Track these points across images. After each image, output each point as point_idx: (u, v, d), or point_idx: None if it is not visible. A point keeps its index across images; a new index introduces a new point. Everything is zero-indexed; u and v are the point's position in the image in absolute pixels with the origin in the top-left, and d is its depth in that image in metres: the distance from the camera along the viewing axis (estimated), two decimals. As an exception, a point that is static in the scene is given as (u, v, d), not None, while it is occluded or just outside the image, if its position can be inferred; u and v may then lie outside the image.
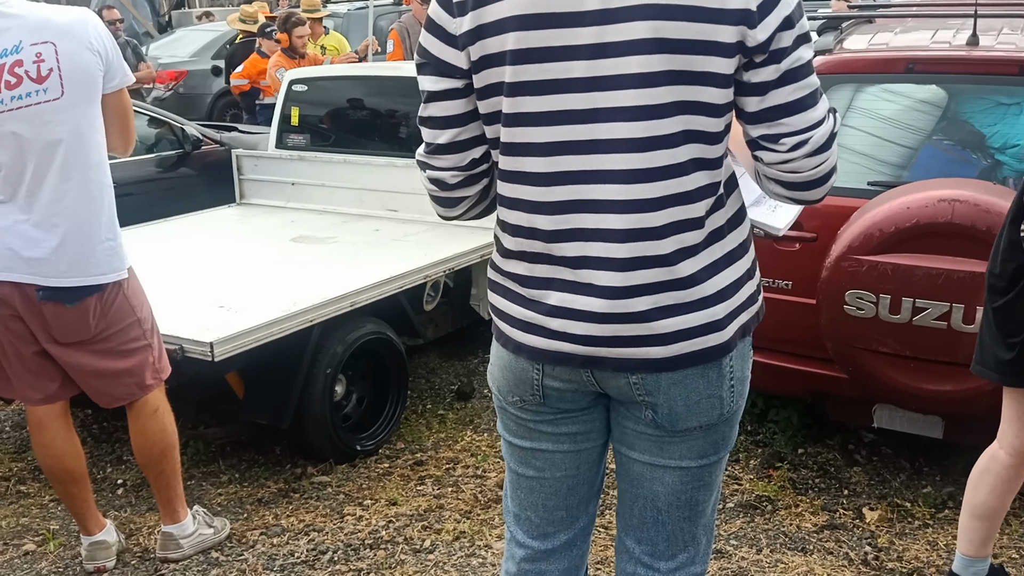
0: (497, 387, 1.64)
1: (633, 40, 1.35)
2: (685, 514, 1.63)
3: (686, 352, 1.47)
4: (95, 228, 2.48)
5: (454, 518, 3.12)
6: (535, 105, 1.41)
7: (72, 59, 2.37)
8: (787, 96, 1.41)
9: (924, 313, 2.82)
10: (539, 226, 1.47)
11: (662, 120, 1.38)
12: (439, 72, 1.48)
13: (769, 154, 1.46)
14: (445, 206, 1.63)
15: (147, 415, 2.69)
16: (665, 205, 1.42)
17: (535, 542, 1.71)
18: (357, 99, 5.06)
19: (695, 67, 1.36)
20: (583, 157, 1.42)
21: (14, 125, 2.38)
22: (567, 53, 1.38)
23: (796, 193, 1.51)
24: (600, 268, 1.45)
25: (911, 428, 3.20)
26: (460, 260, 4.04)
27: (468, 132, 1.52)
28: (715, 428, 1.56)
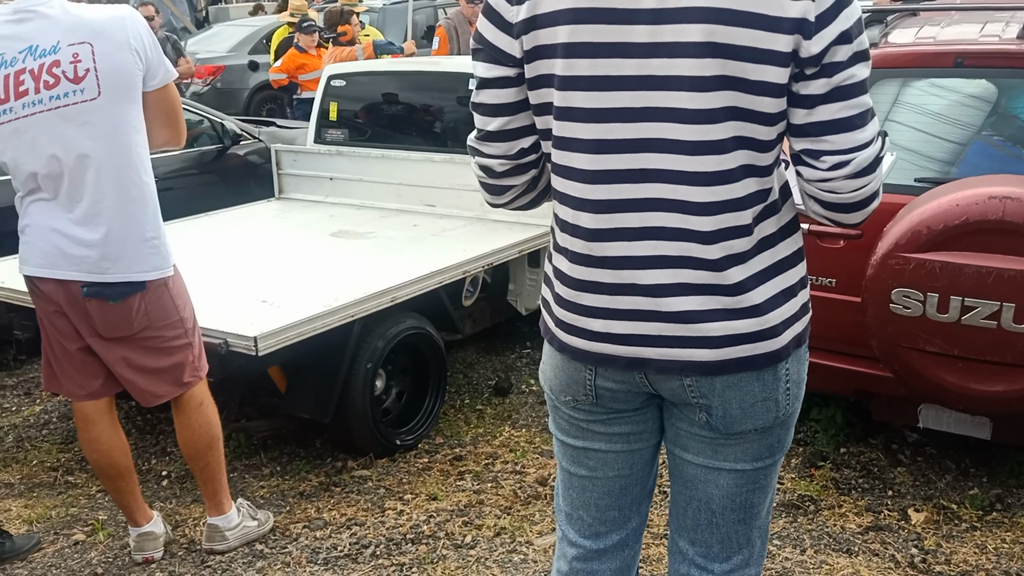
0: (549, 386, 1.64)
1: (686, 42, 1.33)
2: (740, 516, 1.62)
3: (737, 357, 1.46)
4: (137, 226, 2.50)
5: (494, 514, 3.12)
6: (584, 101, 1.41)
7: (109, 59, 2.38)
8: (834, 113, 1.37)
9: (973, 312, 2.77)
10: (582, 224, 1.46)
11: (713, 125, 1.36)
12: (492, 59, 1.47)
13: (809, 170, 1.43)
14: (492, 193, 1.64)
15: (192, 409, 2.72)
16: (713, 211, 1.40)
17: (587, 541, 1.71)
18: (395, 94, 5.07)
19: (749, 75, 1.34)
20: (630, 156, 1.41)
21: (53, 125, 2.40)
22: (619, 50, 1.37)
23: (833, 214, 1.47)
24: (644, 267, 1.44)
25: (958, 429, 3.15)
26: (499, 255, 4.04)
27: (518, 121, 1.51)
28: (770, 431, 1.55)
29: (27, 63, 2.39)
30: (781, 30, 1.31)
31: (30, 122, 2.41)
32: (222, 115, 5.77)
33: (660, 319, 1.45)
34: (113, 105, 2.41)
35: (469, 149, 1.61)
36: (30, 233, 2.54)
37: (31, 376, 4.56)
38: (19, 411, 4.19)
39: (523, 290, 4.54)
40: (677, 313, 1.44)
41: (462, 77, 4.75)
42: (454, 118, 4.91)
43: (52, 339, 2.66)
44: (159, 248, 2.56)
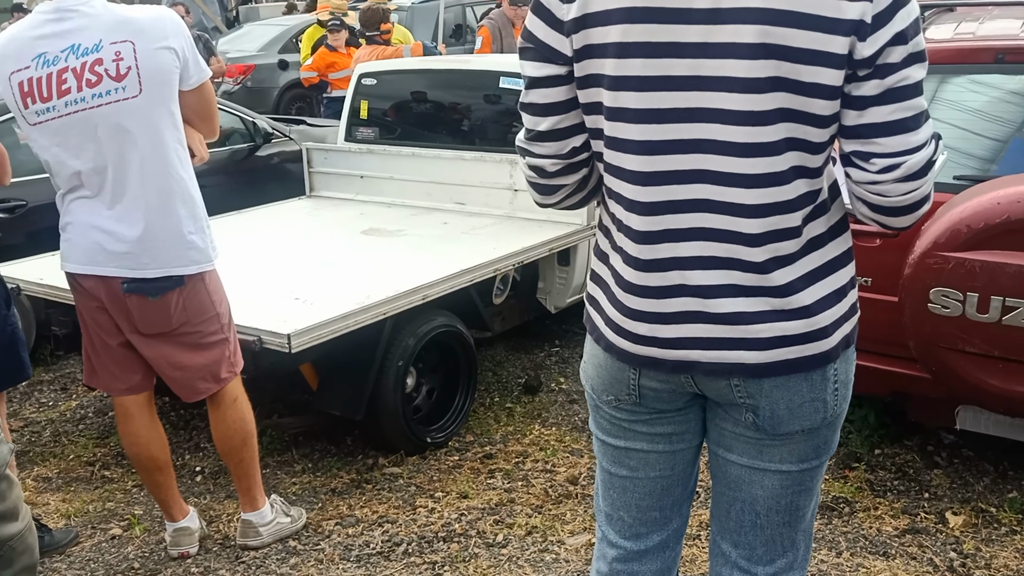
0: (591, 385, 1.63)
1: (740, 43, 1.31)
2: (785, 519, 1.60)
3: (786, 359, 1.44)
4: (175, 222, 2.53)
5: (525, 512, 3.12)
6: (635, 101, 1.39)
7: (150, 58, 2.41)
8: (886, 115, 1.34)
9: (1015, 312, 2.72)
10: (632, 225, 1.45)
11: (765, 127, 1.34)
12: (542, 57, 1.46)
13: (858, 172, 1.40)
14: (543, 193, 1.62)
15: (227, 404, 2.75)
16: (762, 213, 1.39)
17: (627, 542, 1.69)
18: (426, 92, 5.08)
19: (803, 77, 1.31)
20: (680, 157, 1.39)
21: (96, 122, 2.44)
22: (671, 50, 1.35)
23: (881, 217, 1.44)
24: (693, 268, 1.43)
25: (997, 431, 3.10)
26: (530, 254, 4.03)
27: (569, 120, 1.49)
28: (817, 432, 1.53)
29: (69, 62, 2.42)
30: (838, 31, 1.29)
31: (73, 120, 2.44)
32: (253, 114, 5.81)
33: (709, 320, 1.43)
34: (153, 103, 2.45)
35: (518, 150, 1.59)
36: (71, 230, 2.57)
37: (68, 372, 4.63)
38: (56, 406, 4.25)
39: (552, 288, 4.53)
40: (726, 315, 1.42)
41: (492, 75, 4.76)
42: (484, 116, 4.91)
43: (93, 335, 2.69)
44: (196, 244, 2.58)
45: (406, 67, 5.44)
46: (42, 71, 2.42)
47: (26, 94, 2.44)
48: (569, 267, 4.46)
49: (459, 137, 4.93)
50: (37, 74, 2.42)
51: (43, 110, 2.44)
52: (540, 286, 4.54)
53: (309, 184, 5.24)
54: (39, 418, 4.11)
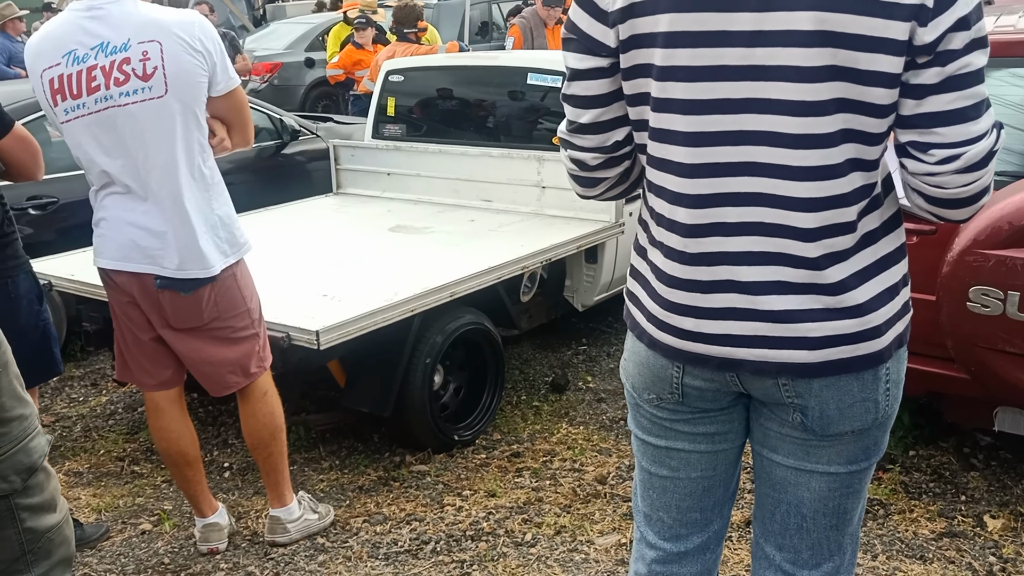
0: (631, 383, 1.59)
1: (794, 31, 1.27)
2: (832, 522, 1.56)
3: (837, 359, 1.40)
4: (200, 220, 2.52)
5: (554, 512, 3.09)
6: (683, 92, 1.36)
7: (176, 59, 2.41)
8: (946, 104, 1.30)
9: (1052, 310, 2.65)
10: (679, 219, 1.42)
11: (820, 118, 1.30)
12: (585, 49, 1.43)
13: (915, 163, 1.36)
14: (584, 186, 1.59)
15: (256, 399, 2.75)
16: (817, 207, 1.34)
17: (667, 544, 1.66)
18: (453, 89, 5.06)
19: (861, 64, 1.27)
20: (729, 149, 1.35)
21: (123, 120, 2.44)
22: (721, 39, 1.32)
23: (938, 209, 1.40)
24: (741, 263, 1.39)
25: (1036, 432, 3.03)
26: (558, 251, 4.00)
27: (611, 112, 1.47)
28: (867, 433, 1.49)
29: (98, 59, 2.43)
30: (897, 17, 1.25)
31: (102, 117, 2.45)
32: (281, 111, 5.82)
33: (756, 318, 1.40)
34: (178, 103, 2.45)
35: (560, 142, 1.56)
36: (104, 226, 2.58)
37: (97, 367, 4.66)
38: (86, 401, 4.28)
39: (580, 286, 4.50)
40: (774, 312, 1.38)
41: (520, 72, 4.73)
42: (512, 113, 4.88)
43: (125, 330, 2.70)
44: (225, 239, 2.58)
45: (433, 64, 5.42)
46: (72, 68, 2.42)
47: (56, 91, 2.45)
48: (597, 264, 4.43)
49: (486, 134, 4.91)
50: (67, 71, 2.43)
51: (73, 107, 2.45)
52: (567, 284, 4.51)
53: (336, 181, 5.24)
54: (70, 413, 4.15)
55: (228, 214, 2.61)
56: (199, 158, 2.53)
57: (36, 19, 11.81)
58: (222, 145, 2.60)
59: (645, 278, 1.52)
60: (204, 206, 2.54)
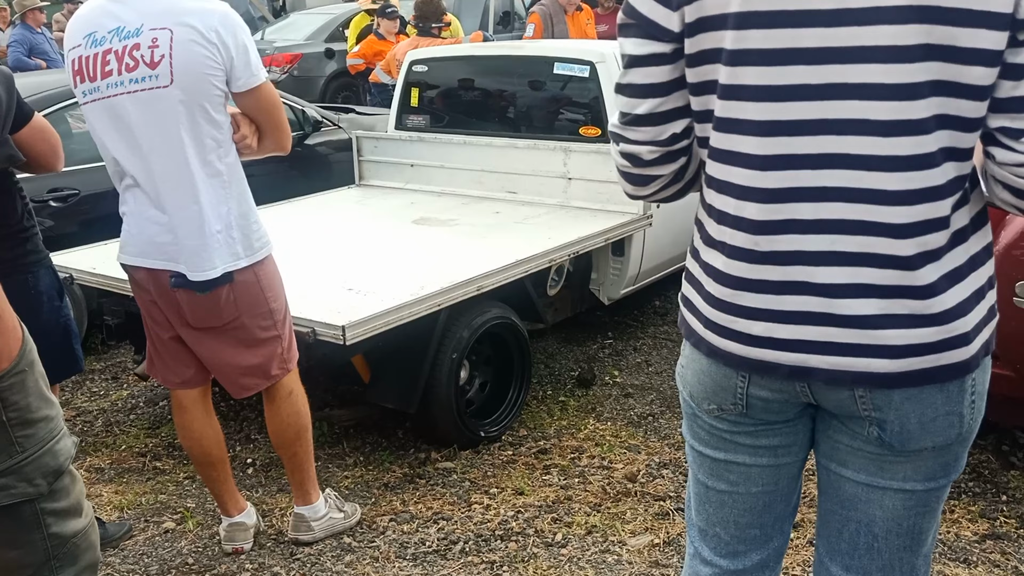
0: (690, 392, 1.50)
1: (887, 7, 1.17)
2: (905, 543, 1.45)
3: (920, 369, 1.29)
4: (214, 219, 2.41)
5: (584, 511, 3.03)
6: (756, 77, 1.26)
7: (185, 48, 2.29)
8: None
9: (1109, 308, 2.56)
10: (747, 215, 1.31)
11: (912, 102, 1.20)
12: (646, 34, 1.33)
13: (1005, 152, 1.25)
14: (635, 184, 1.48)
15: (282, 398, 2.69)
16: (910, 200, 1.24)
17: (723, 561, 1.57)
18: (477, 79, 4.98)
19: (960, 41, 1.17)
20: (807, 139, 1.25)
21: (130, 108, 2.36)
22: (799, 19, 1.22)
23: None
24: (818, 263, 1.28)
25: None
26: (585, 244, 3.92)
27: (670, 103, 1.37)
28: (948, 448, 1.38)
29: (113, 44, 2.36)
30: None
31: (113, 103, 2.38)
32: (303, 102, 5.77)
33: (832, 323, 1.30)
34: (183, 95, 2.33)
35: (611, 136, 1.46)
36: (128, 220, 2.52)
37: (118, 360, 4.63)
38: (107, 395, 4.26)
39: (606, 279, 4.43)
40: (853, 317, 1.28)
41: (546, 61, 4.65)
42: (537, 103, 4.80)
43: (148, 327, 2.65)
44: (240, 240, 2.47)
45: (457, 54, 5.35)
46: (90, 50, 2.37)
47: (76, 72, 2.40)
48: (624, 257, 4.35)
49: (511, 125, 4.83)
50: (87, 53, 2.37)
51: (90, 90, 2.39)
52: (593, 277, 4.44)
53: (358, 173, 5.18)
54: (91, 407, 4.11)
55: (245, 214, 2.49)
56: (214, 155, 2.40)
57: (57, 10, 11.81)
58: (244, 143, 2.46)
59: (700, 282, 1.42)
60: (219, 204, 2.43)
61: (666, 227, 4.43)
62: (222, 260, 2.44)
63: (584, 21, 6.99)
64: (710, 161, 1.37)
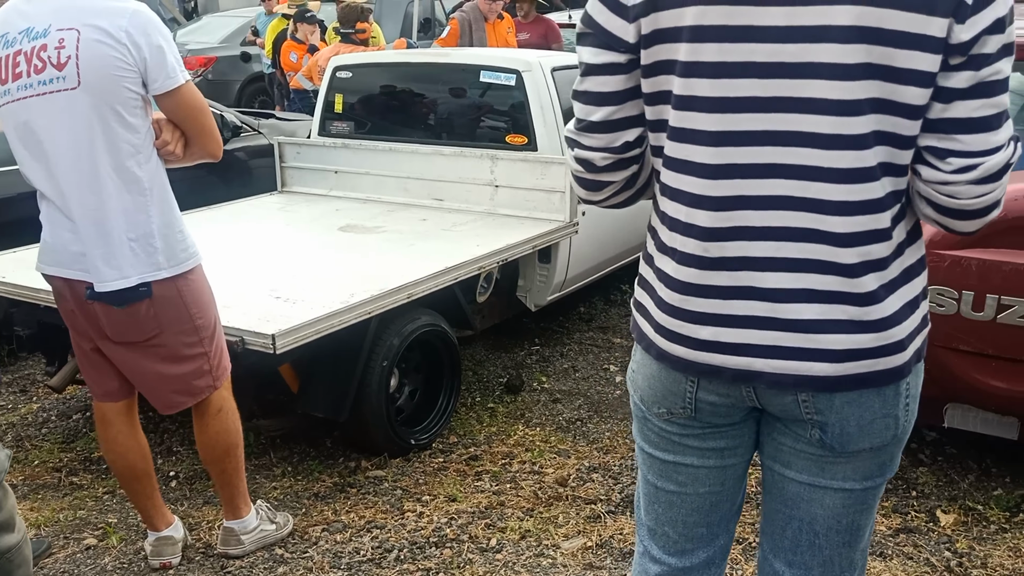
0: (640, 396, 1.54)
1: (832, 26, 1.23)
2: (845, 539, 1.53)
3: (857, 373, 1.35)
4: (129, 228, 2.32)
5: (516, 516, 3.05)
6: (709, 89, 1.30)
7: (92, 49, 2.21)
8: (971, 111, 1.25)
9: (1010, 311, 2.73)
10: (697, 222, 1.36)
11: (853, 118, 1.26)
12: (602, 44, 1.37)
13: (929, 170, 1.31)
14: (588, 189, 1.52)
15: (211, 415, 2.63)
16: (851, 211, 1.30)
17: (672, 559, 1.62)
18: (402, 86, 4.98)
19: (898, 62, 1.23)
20: (756, 149, 1.30)
21: (37, 111, 2.27)
22: (750, 34, 1.27)
23: (947, 219, 1.35)
24: (764, 269, 1.33)
25: (985, 429, 3.10)
26: (514, 251, 3.96)
27: (624, 111, 1.41)
28: (884, 449, 1.45)
29: (23, 45, 2.27)
30: (938, 12, 1.21)
31: (23, 106, 2.29)
32: (221, 107, 5.65)
33: (777, 327, 1.35)
34: (91, 98, 2.24)
35: (567, 140, 1.49)
36: (44, 227, 2.43)
37: (27, 372, 4.45)
38: (16, 409, 4.08)
39: (533, 286, 4.47)
40: (797, 321, 1.34)
41: (472, 69, 4.68)
42: (464, 111, 4.82)
43: (71, 336, 2.56)
44: (162, 250, 2.38)
45: (383, 60, 5.32)
46: (2, 52, 2.28)
47: None
48: (550, 264, 4.40)
49: (437, 132, 4.84)
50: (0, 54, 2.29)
51: (2, 92, 2.30)
52: (520, 284, 4.48)
53: (281, 179, 5.11)
54: None
55: (169, 223, 2.40)
56: (132, 160, 2.30)
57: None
58: (165, 149, 2.37)
59: (653, 287, 1.46)
60: (136, 212, 2.33)
61: (591, 234, 4.51)
62: (137, 270, 2.34)
63: (505, 30, 7.02)
64: (664, 170, 1.41)
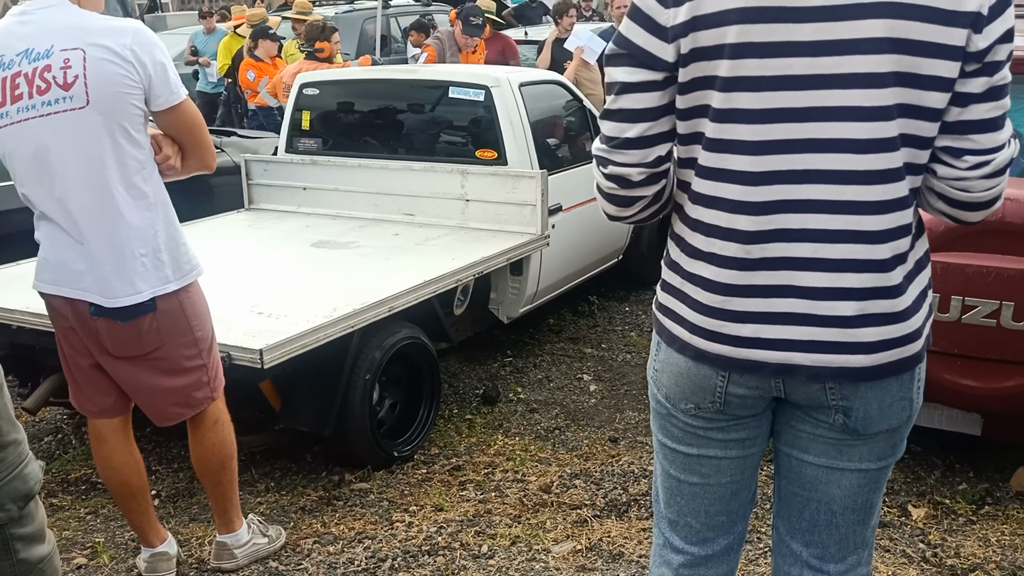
0: (665, 395, 1.61)
1: (864, 39, 1.33)
2: (859, 517, 1.62)
3: (887, 362, 1.46)
4: (139, 243, 2.35)
5: (505, 523, 3.10)
6: (750, 102, 1.39)
7: (100, 68, 2.24)
8: (984, 113, 1.39)
9: (974, 311, 2.87)
10: (739, 227, 1.44)
11: (886, 122, 1.37)
12: (639, 63, 1.45)
13: (946, 168, 1.44)
14: (620, 205, 1.58)
15: (207, 427, 2.63)
16: (885, 209, 1.40)
17: (694, 548, 1.70)
18: (371, 102, 5.02)
19: (923, 70, 1.35)
20: (796, 156, 1.40)
21: (43, 132, 2.29)
22: (787, 49, 1.36)
23: (958, 211, 1.49)
24: (804, 269, 1.43)
25: (949, 425, 3.25)
26: (489, 263, 4.02)
27: (659, 127, 1.49)
28: (898, 430, 1.56)
29: (22, 66, 2.28)
30: (958, 24, 1.33)
31: (24, 128, 2.30)
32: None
33: (815, 323, 1.44)
34: (101, 116, 2.27)
35: (597, 160, 1.56)
36: (43, 246, 2.42)
37: (-7, 396, 4.35)
38: (-16, 433, 3.99)
39: (505, 298, 4.53)
40: (835, 318, 1.43)
41: (441, 86, 4.74)
42: (433, 127, 4.88)
43: (67, 355, 2.54)
44: (168, 263, 2.41)
45: (350, 77, 5.36)
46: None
47: None
48: (522, 277, 4.47)
49: (407, 148, 4.88)
50: None
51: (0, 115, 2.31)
52: (492, 296, 4.54)
53: (248, 196, 5.10)
54: (-31, 446, 3.85)
55: (172, 236, 2.44)
56: (138, 176, 2.34)
57: None
58: (167, 163, 2.41)
59: (684, 292, 1.53)
60: (145, 227, 2.36)
61: (561, 247, 4.60)
62: (148, 284, 2.38)
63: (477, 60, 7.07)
64: (697, 179, 1.49)
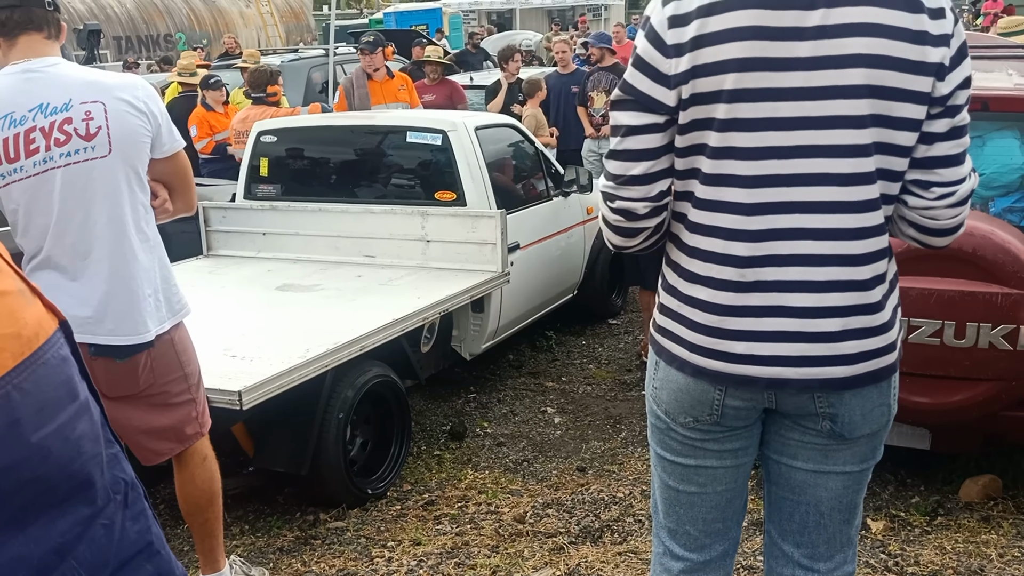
0: (665, 410, 1.73)
1: (845, 85, 1.51)
2: (845, 516, 1.76)
3: (867, 372, 1.61)
4: (146, 283, 2.47)
5: (483, 553, 3.16)
6: (745, 141, 1.55)
7: (120, 118, 2.39)
8: (947, 150, 1.57)
9: (919, 331, 3.06)
10: (735, 252, 1.59)
11: (864, 158, 1.53)
12: (643, 108, 1.60)
13: (915, 199, 1.61)
14: (625, 236, 1.72)
15: (196, 464, 2.67)
16: (864, 235, 1.56)
17: (693, 554, 1.81)
18: (330, 148, 5.11)
19: (895, 112, 1.52)
20: (786, 189, 1.55)
21: (62, 182, 2.38)
22: (778, 94, 1.53)
23: (927, 237, 1.67)
24: (794, 291, 1.58)
25: (899, 441, 3.41)
26: (453, 301, 4.12)
27: (660, 164, 1.63)
28: (878, 434, 1.71)
29: (37, 121, 2.37)
30: (924, 72, 1.51)
31: (42, 180, 2.38)
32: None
33: (804, 339, 1.58)
34: (122, 164, 2.41)
35: (604, 196, 1.71)
36: None
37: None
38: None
39: (467, 335, 4.63)
40: (821, 333, 1.58)
41: (399, 130, 4.86)
42: (392, 170, 4.99)
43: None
44: (164, 302, 2.52)
45: (308, 123, 5.46)
46: (9, 131, 2.34)
47: None
48: (483, 314, 4.57)
49: (367, 192, 4.98)
50: (4, 135, 2.34)
51: (10, 171, 2.36)
52: (455, 333, 4.62)
53: (206, 243, 5.12)
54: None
55: (166, 277, 2.55)
56: (143, 220, 2.48)
57: None
58: (163, 207, 2.55)
59: (681, 314, 1.67)
60: (149, 267, 2.49)
61: (520, 283, 4.72)
62: (155, 322, 2.48)
63: (396, 87, 7.03)
64: (694, 210, 1.64)
